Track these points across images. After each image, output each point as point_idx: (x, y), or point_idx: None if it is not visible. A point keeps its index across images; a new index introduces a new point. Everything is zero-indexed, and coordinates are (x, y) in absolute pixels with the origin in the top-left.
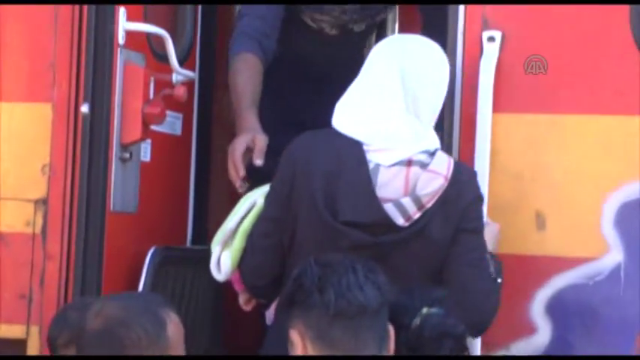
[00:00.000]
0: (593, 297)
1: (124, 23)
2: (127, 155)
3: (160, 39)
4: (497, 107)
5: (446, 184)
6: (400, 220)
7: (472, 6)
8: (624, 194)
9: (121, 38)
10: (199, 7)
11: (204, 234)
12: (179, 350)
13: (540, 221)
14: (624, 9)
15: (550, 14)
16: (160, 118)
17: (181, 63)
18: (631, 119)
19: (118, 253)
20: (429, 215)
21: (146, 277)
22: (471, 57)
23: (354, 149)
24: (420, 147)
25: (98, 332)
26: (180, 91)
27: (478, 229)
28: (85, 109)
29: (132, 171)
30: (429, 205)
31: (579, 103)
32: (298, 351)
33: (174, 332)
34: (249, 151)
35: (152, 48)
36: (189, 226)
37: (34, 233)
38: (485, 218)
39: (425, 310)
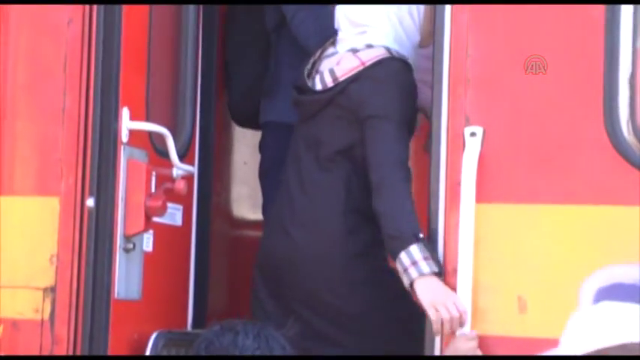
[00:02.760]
0: None
1: (127, 122)
2: (131, 246)
3: (161, 136)
4: (479, 198)
5: (361, 68)
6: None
7: (455, 103)
8: (599, 280)
9: (124, 136)
10: (198, 104)
11: (204, 318)
12: None
13: (522, 304)
14: (599, 104)
15: (527, 111)
16: (162, 211)
17: (181, 158)
18: (603, 208)
19: (123, 337)
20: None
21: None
22: (454, 151)
23: None
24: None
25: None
26: (181, 185)
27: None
28: (90, 202)
29: (135, 260)
30: (342, 78)
31: (555, 194)
32: None
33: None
34: None
35: (154, 144)
36: (189, 311)
37: (42, 319)
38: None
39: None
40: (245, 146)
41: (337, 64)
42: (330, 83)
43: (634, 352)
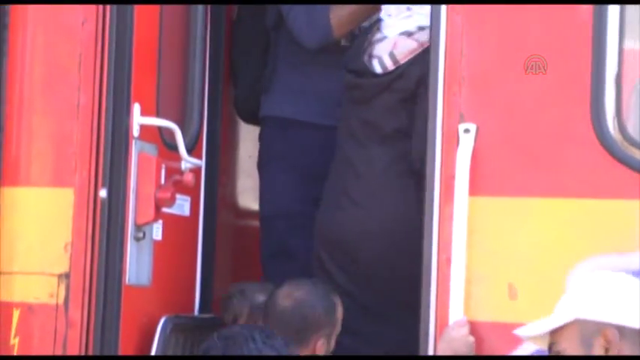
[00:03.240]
0: None
1: (138, 118)
2: (141, 235)
3: (170, 131)
4: (472, 191)
5: (420, 49)
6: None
7: (450, 101)
8: (586, 269)
9: (135, 131)
10: (206, 100)
11: (210, 303)
12: (338, 327)
13: (512, 292)
14: (586, 102)
15: (519, 109)
16: (171, 202)
17: (189, 151)
18: (590, 202)
19: (133, 321)
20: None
21: (158, 343)
22: (448, 146)
23: None
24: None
25: (290, 307)
26: (189, 177)
27: None
28: (103, 193)
29: (145, 248)
30: (403, 61)
31: (544, 188)
32: None
33: (339, 314)
34: None
35: (163, 139)
36: (196, 297)
37: (57, 304)
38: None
39: None
40: (249, 141)
41: (394, 48)
42: (390, 66)
43: None
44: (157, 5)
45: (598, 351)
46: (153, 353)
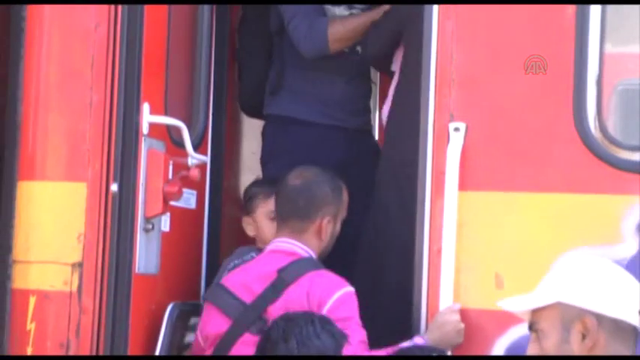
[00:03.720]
0: None
1: (148, 116)
2: (150, 226)
3: (177, 128)
4: (462, 186)
5: None
6: None
7: (440, 101)
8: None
9: (145, 129)
10: (211, 99)
11: None
12: (344, 212)
13: (499, 281)
14: (569, 103)
15: (505, 109)
16: (178, 195)
17: (195, 148)
18: (573, 196)
19: (143, 308)
20: None
21: (166, 328)
22: (439, 144)
23: None
24: None
25: (299, 186)
26: (195, 173)
27: None
28: (114, 187)
29: (154, 239)
30: None
31: (529, 183)
32: None
33: (345, 197)
34: None
35: (171, 136)
36: (202, 285)
37: (71, 291)
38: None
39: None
40: (252, 138)
41: None
42: None
43: None
44: (165, 7)
45: (575, 336)
46: (161, 338)
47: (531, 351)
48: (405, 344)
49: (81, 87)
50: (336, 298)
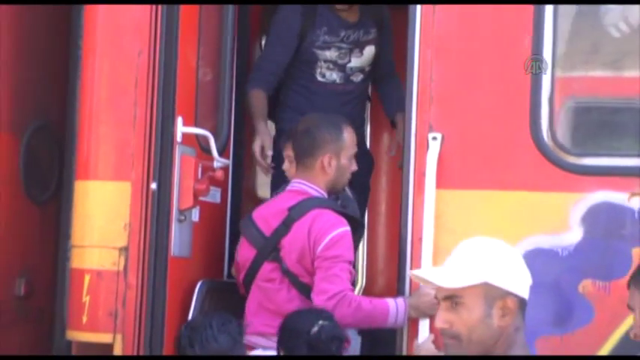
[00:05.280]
0: None
1: (181, 128)
2: (183, 217)
3: (205, 137)
4: (439, 185)
5: None
6: None
7: (421, 116)
8: (525, 245)
9: (179, 138)
10: (232, 111)
11: None
12: (352, 148)
13: None
14: (526, 117)
15: (474, 122)
16: (206, 192)
17: (220, 153)
18: (529, 194)
19: (177, 284)
20: None
21: (196, 301)
22: (420, 150)
23: None
24: None
25: (303, 131)
26: (220, 174)
27: None
28: (154, 186)
29: (186, 228)
30: None
31: (494, 182)
32: None
33: (347, 135)
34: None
35: (200, 144)
36: (225, 266)
37: (118, 270)
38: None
39: (320, 321)
40: None
41: None
42: None
43: None
44: (196, 35)
45: (496, 313)
46: (191, 310)
47: (442, 319)
48: (390, 299)
49: (126, 103)
50: (330, 237)
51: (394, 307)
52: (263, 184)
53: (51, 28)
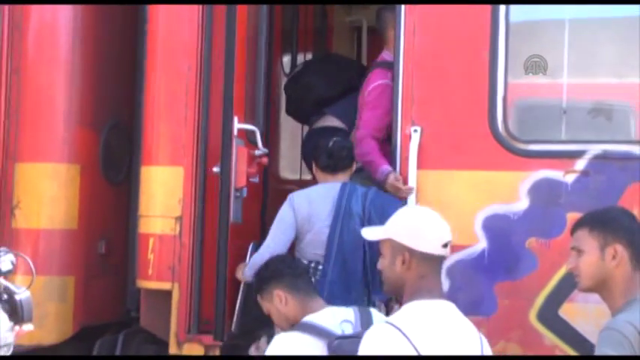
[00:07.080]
0: (468, 265)
1: (237, 125)
2: (238, 194)
3: (253, 132)
4: (419, 166)
5: None
6: None
7: (406, 113)
8: (485, 212)
9: (235, 132)
10: (265, 109)
11: (265, 232)
12: None
13: None
14: (485, 112)
15: (444, 117)
16: (256, 175)
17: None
18: (489, 173)
19: (234, 243)
20: None
21: (249, 258)
22: (405, 140)
23: None
24: None
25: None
26: (265, 160)
27: None
28: (216, 169)
29: (239, 202)
30: None
31: (462, 164)
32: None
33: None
34: None
35: (248, 136)
36: (259, 229)
37: (174, 235)
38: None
39: (335, 138)
40: (287, 137)
41: None
42: None
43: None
44: (244, 48)
45: (399, 262)
46: (246, 264)
47: (379, 264)
48: (385, 166)
49: (179, 106)
50: None
51: (381, 172)
52: (283, 167)
53: (121, 37)
